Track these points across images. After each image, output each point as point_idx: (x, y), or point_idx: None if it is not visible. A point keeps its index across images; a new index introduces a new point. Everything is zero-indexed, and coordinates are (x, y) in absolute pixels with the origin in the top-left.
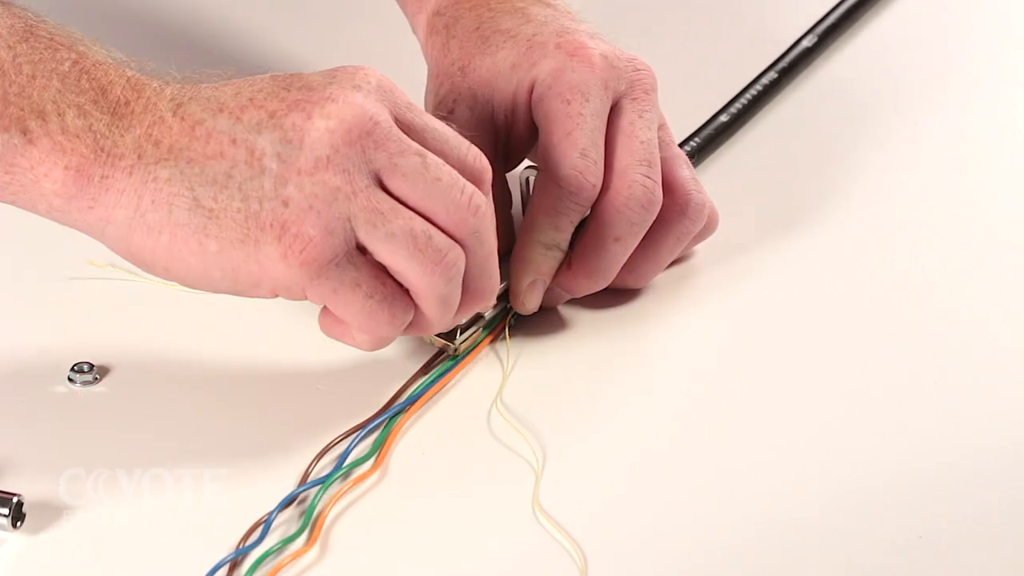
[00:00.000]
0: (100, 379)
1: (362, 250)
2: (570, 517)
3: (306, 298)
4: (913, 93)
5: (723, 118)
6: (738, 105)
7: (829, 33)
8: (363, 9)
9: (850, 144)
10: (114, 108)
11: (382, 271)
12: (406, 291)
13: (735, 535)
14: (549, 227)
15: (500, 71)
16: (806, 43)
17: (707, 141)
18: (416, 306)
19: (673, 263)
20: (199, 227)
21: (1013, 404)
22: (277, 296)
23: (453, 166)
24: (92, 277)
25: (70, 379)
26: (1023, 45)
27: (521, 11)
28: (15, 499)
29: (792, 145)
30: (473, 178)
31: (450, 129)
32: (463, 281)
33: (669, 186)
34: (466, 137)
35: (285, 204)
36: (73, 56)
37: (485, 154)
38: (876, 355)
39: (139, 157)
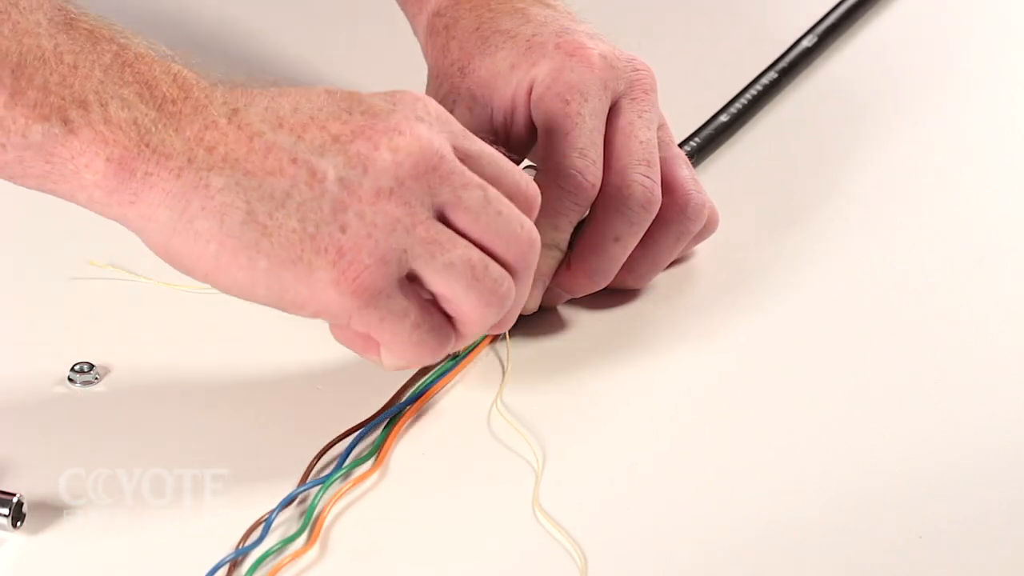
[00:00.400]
0: (100, 379)
1: (412, 278)
2: (570, 517)
3: (349, 324)
4: (913, 93)
5: (723, 118)
6: (738, 105)
7: (829, 33)
8: (364, 9)
9: (850, 144)
10: (160, 104)
11: (430, 301)
12: (450, 319)
13: (735, 535)
14: (548, 227)
15: (499, 71)
16: (806, 43)
17: (707, 141)
18: (456, 331)
19: (673, 263)
20: (251, 242)
21: (1013, 404)
22: (318, 318)
23: (507, 193)
24: (92, 277)
25: (70, 379)
26: (1023, 45)
27: (521, 11)
28: (15, 499)
29: (792, 145)
30: (525, 205)
31: (502, 155)
32: (533, 272)
33: (669, 186)
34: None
35: (343, 230)
36: (115, 48)
37: None
38: (876, 355)
39: (189, 160)
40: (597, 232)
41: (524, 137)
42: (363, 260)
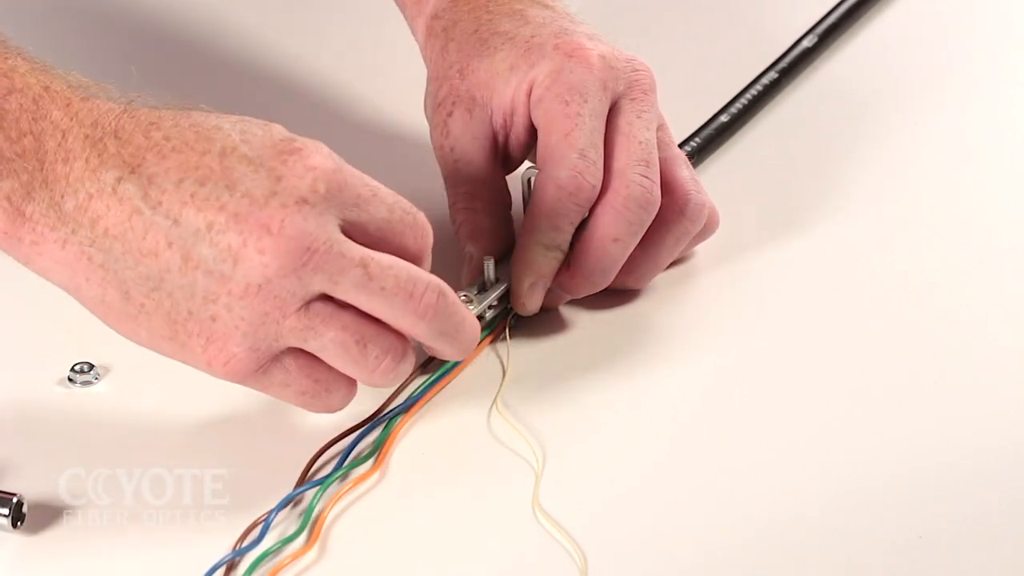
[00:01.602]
0: (100, 379)
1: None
2: (570, 517)
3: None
4: (913, 93)
5: (723, 118)
6: (738, 105)
7: (829, 33)
8: (363, 10)
9: (850, 144)
10: (45, 167)
11: (315, 362)
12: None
13: (735, 534)
14: (549, 228)
15: (498, 73)
16: (806, 43)
17: (707, 141)
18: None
19: (673, 263)
20: (131, 315)
21: (1013, 404)
22: None
23: (397, 248)
24: None
25: (70, 379)
26: (1023, 45)
27: (519, 13)
28: (15, 499)
29: (792, 145)
30: (416, 253)
31: (393, 199)
32: (446, 330)
33: (668, 186)
34: (464, 142)
35: (213, 320)
36: (6, 85)
37: (484, 158)
38: (876, 355)
39: (73, 232)
40: (596, 233)
41: (524, 138)
42: (231, 349)
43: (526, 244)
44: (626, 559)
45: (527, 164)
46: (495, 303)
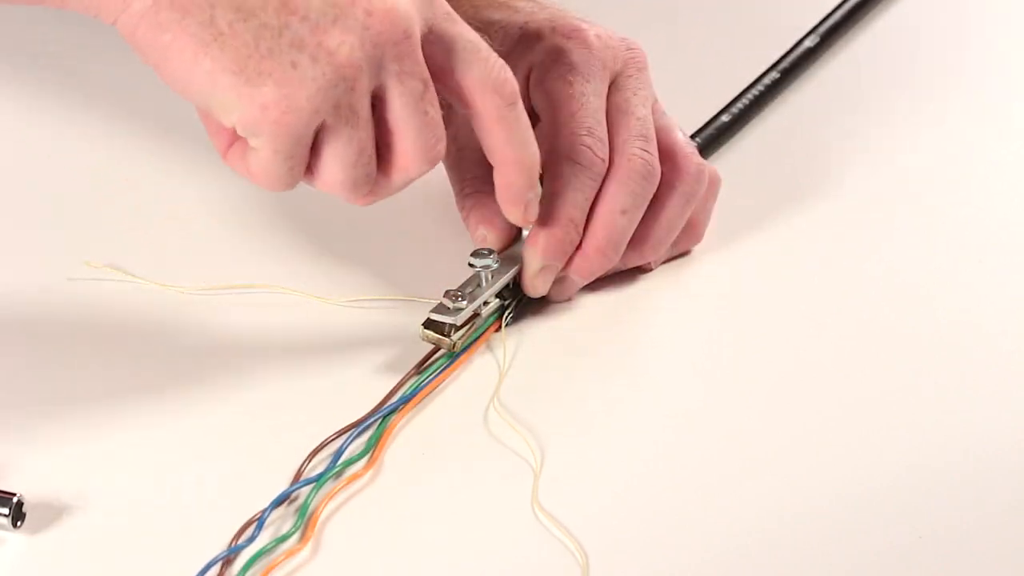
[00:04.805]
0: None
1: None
2: (570, 515)
3: (250, 139)
4: (914, 93)
5: (724, 118)
6: (740, 105)
7: (831, 33)
8: None
9: (851, 144)
10: None
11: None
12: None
13: (735, 532)
14: (567, 204)
15: None
16: (808, 43)
17: (709, 141)
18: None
19: (673, 259)
20: (203, 42)
21: (1013, 404)
22: (233, 127)
23: (475, 85)
24: (89, 278)
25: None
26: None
27: (506, 4)
28: (15, 499)
29: (793, 145)
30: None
31: (487, 47)
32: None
33: (667, 152)
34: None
35: (293, 66)
36: None
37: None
38: (877, 354)
39: None
40: (604, 207)
41: None
42: (299, 101)
43: (543, 223)
44: (628, 556)
45: None
46: (490, 299)
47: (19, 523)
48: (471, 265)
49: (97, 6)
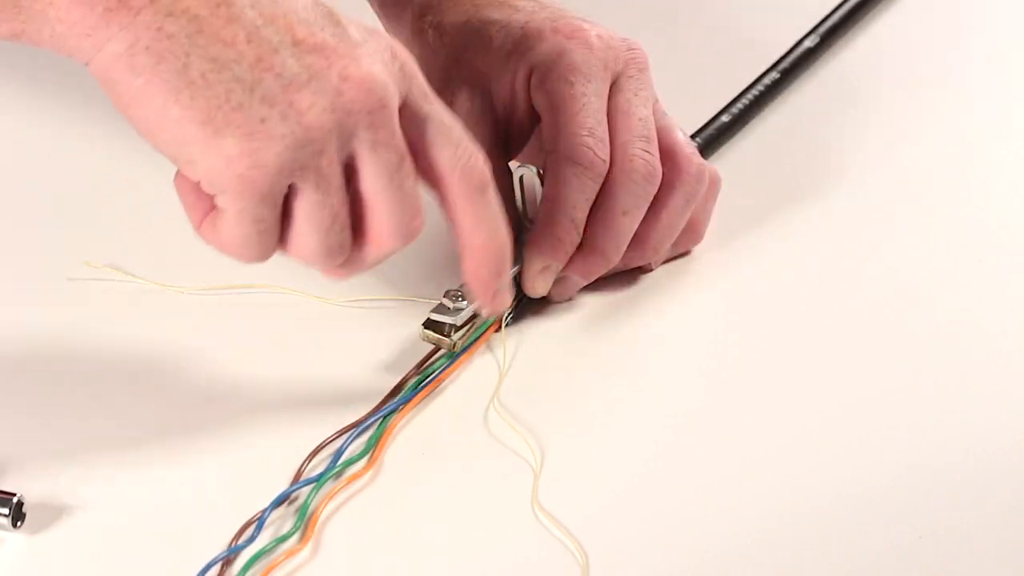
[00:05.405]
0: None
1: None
2: (570, 515)
3: (212, 198)
4: (915, 93)
5: (725, 118)
6: (740, 105)
7: (831, 33)
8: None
9: (851, 144)
10: None
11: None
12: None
13: (735, 532)
14: (567, 206)
15: (496, 60)
16: (808, 43)
17: (709, 141)
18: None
19: (674, 259)
20: (175, 89)
21: (1013, 404)
22: (198, 182)
23: (444, 167)
24: (88, 278)
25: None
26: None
27: (506, 3)
28: (15, 499)
29: (793, 145)
30: (463, 182)
31: (461, 130)
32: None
33: (668, 152)
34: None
35: (262, 121)
36: None
37: (489, 144)
38: (877, 354)
39: (152, 1)
40: (605, 208)
41: (525, 124)
42: (265, 157)
43: (545, 224)
44: (628, 556)
45: (515, 163)
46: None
47: (19, 523)
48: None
49: (71, 47)
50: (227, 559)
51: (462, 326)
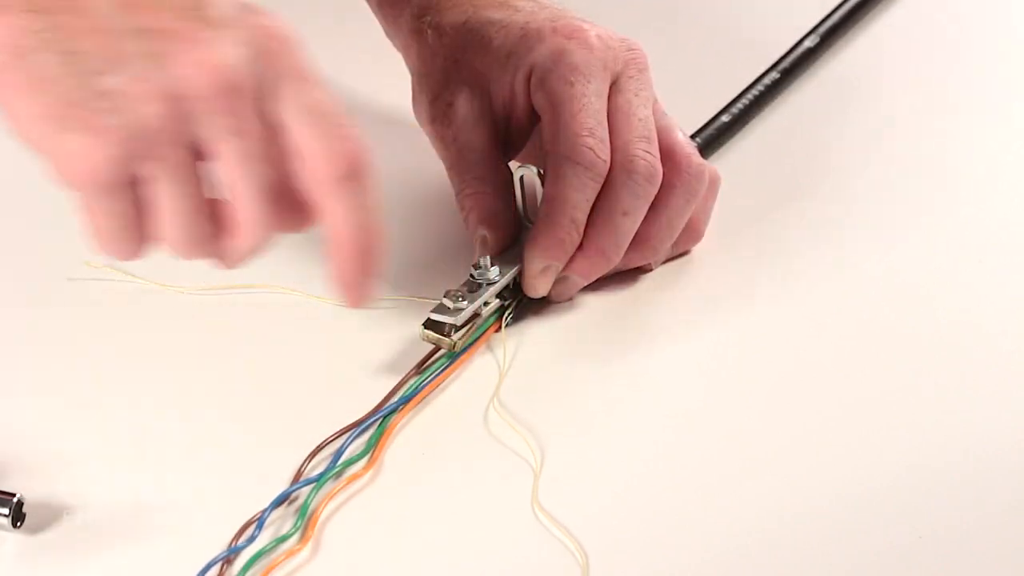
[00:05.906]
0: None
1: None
2: (570, 515)
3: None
4: (915, 93)
5: (725, 118)
6: (740, 105)
7: (831, 33)
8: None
9: (851, 144)
10: None
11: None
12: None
13: (735, 532)
14: (568, 206)
15: (495, 60)
16: (808, 43)
17: (709, 141)
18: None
19: (673, 259)
20: (27, 86)
21: (1013, 404)
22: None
23: (310, 152)
24: (88, 278)
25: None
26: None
27: (505, 3)
28: (15, 499)
29: (793, 145)
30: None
31: (338, 115)
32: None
33: (668, 152)
34: (467, 131)
35: (98, 114)
36: None
37: (489, 145)
38: (877, 355)
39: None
40: (606, 208)
41: (524, 124)
42: (101, 151)
43: (545, 224)
44: (628, 556)
45: (515, 163)
46: (490, 300)
47: (19, 523)
48: (472, 277)
49: None
50: (227, 559)
51: (462, 326)
